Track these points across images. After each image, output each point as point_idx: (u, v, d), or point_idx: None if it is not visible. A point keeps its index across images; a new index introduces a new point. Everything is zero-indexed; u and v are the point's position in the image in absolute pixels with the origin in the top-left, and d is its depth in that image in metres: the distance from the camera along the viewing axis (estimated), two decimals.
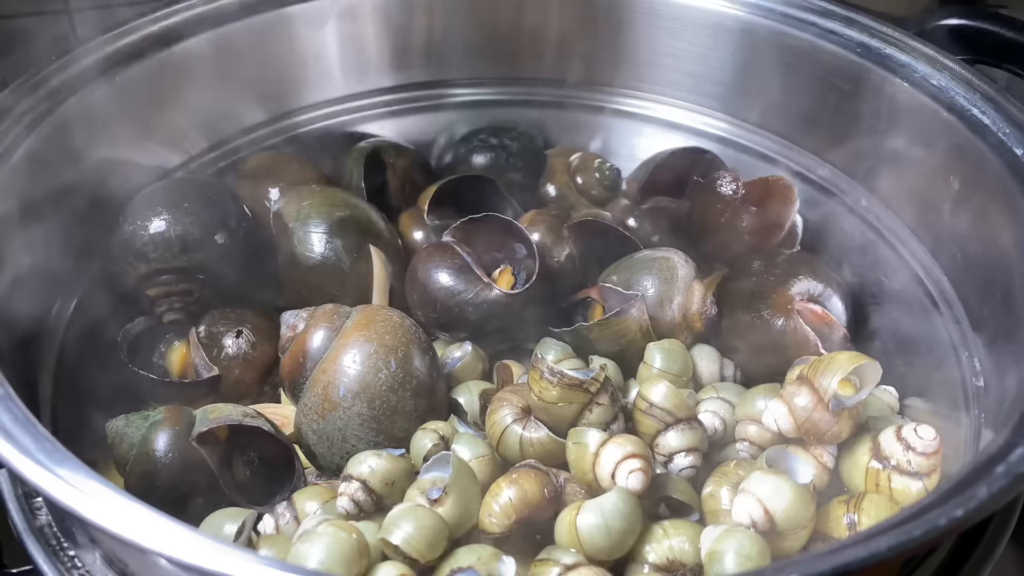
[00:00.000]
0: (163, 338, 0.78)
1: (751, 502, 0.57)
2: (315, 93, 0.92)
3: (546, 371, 0.63)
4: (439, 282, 0.76)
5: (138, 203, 0.76)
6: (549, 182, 0.93)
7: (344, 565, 0.53)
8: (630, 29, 0.91)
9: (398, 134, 0.96)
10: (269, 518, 0.63)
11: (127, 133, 0.79)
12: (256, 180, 0.86)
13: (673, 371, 0.71)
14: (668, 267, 0.76)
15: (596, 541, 0.56)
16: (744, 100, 0.90)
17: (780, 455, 0.62)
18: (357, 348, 0.66)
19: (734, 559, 0.54)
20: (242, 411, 0.67)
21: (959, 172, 0.72)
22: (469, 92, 0.98)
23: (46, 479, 0.47)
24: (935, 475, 0.62)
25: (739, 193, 0.83)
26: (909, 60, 0.77)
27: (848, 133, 0.83)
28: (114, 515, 0.45)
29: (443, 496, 0.58)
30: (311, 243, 0.76)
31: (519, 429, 0.64)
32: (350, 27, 0.90)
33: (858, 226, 0.83)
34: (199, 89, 0.84)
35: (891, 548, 0.44)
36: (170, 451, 0.63)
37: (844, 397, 0.63)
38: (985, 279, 0.69)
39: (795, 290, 0.75)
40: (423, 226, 0.86)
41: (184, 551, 0.44)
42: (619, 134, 0.98)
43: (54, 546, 0.58)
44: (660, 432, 0.64)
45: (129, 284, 0.75)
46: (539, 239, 0.80)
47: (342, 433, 0.66)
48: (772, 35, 0.84)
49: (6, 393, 0.54)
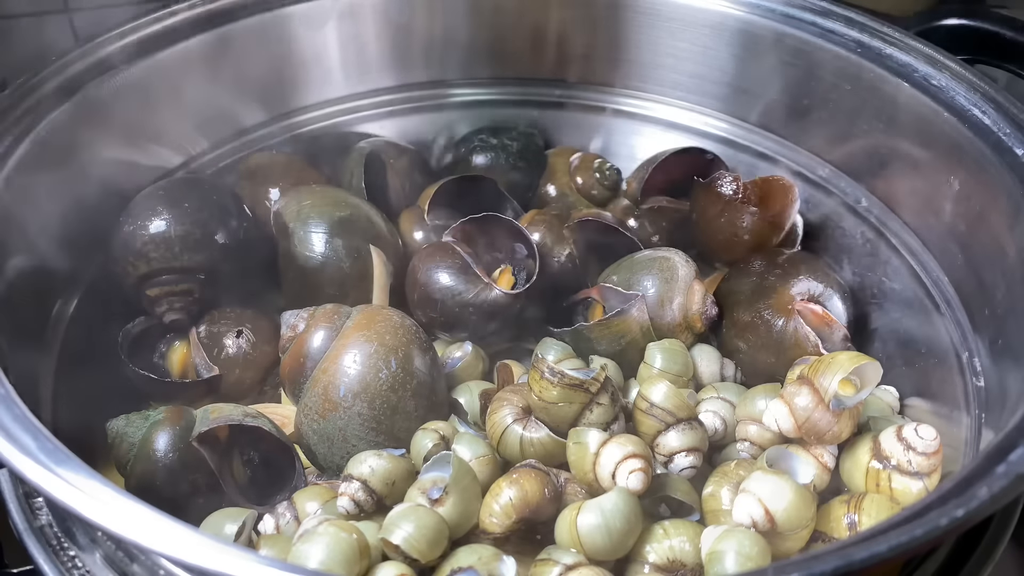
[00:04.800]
0: (163, 338, 0.78)
1: (751, 502, 0.57)
2: (315, 93, 0.92)
3: (546, 371, 0.63)
4: (439, 282, 0.76)
5: (138, 203, 0.76)
6: (549, 182, 0.94)
7: (344, 565, 0.53)
8: (630, 29, 0.91)
9: (398, 134, 0.96)
10: (269, 518, 0.63)
11: (127, 133, 0.79)
12: (256, 180, 0.86)
13: (673, 371, 0.71)
14: (668, 267, 0.76)
15: (596, 541, 0.56)
16: (744, 100, 0.90)
17: (780, 455, 0.62)
18: (357, 348, 0.66)
19: (734, 559, 0.54)
20: (243, 411, 0.67)
21: (959, 172, 0.72)
22: (469, 92, 0.98)
23: (47, 479, 0.47)
24: (935, 475, 0.61)
25: (739, 193, 0.83)
26: (909, 60, 0.77)
27: (848, 133, 0.83)
28: (114, 515, 0.45)
29: (443, 496, 0.58)
30: (311, 243, 0.76)
31: (519, 429, 0.64)
32: (350, 27, 0.90)
33: (858, 226, 0.83)
34: (199, 89, 0.84)
35: (891, 548, 0.44)
36: (170, 451, 0.63)
37: (844, 397, 0.63)
38: (985, 279, 0.69)
39: (795, 290, 0.75)
40: (423, 226, 0.86)
41: (184, 551, 0.44)
42: (619, 134, 0.98)
43: (54, 546, 0.58)
44: (660, 432, 0.64)
45: (129, 284, 0.75)
46: (539, 239, 0.80)
47: (342, 433, 0.66)
48: (772, 35, 0.84)
49: (6, 393, 0.54)
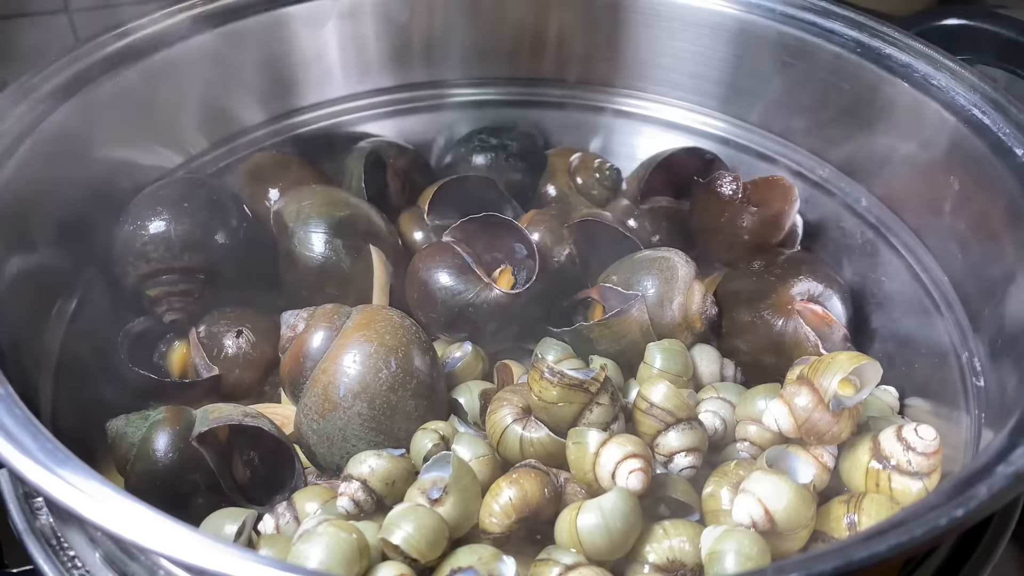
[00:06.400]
0: (163, 338, 0.78)
1: (751, 502, 0.57)
2: (315, 93, 0.92)
3: (546, 371, 0.63)
4: (439, 282, 0.76)
5: (138, 203, 0.76)
6: (549, 182, 0.93)
7: (344, 565, 0.53)
8: (630, 29, 0.91)
9: (398, 134, 0.96)
10: (269, 518, 0.63)
11: (127, 133, 0.79)
12: (256, 180, 0.86)
13: (673, 371, 0.71)
14: (668, 267, 0.76)
15: (596, 541, 0.56)
16: (744, 100, 0.90)
17: (780, 455, 0.62)
18: (357, 348, 0.66)
19: (734, 559, 0.54)
20: (242, 411, 0.67)
21: (959, 172, 0.72)
22: (469, 92, 0.98)
23: (47, 479, 0.47)
24: (935, 475, 0.61)
25: (739, 193, 0.83)
26: (909, 60, 0.77)
27: (848, 133, 0.83)
28: (114, 515, 0.45)
29: (443, 496, 0.58)
30: (311, 243, 0.76)
31: (519, 429, 0.64)
32: (350, 27, 0.90)
33: (858, 226, 0.83)
34: (199, 89, 0.84)
35: (891, 548, 0.44)
36: (170, 451, 0.63)
37: (844, 397, 0.63)
38: (985, 279, 0.69)
39: (795, 290, 0.75)
40: (423, 226, 0.86)
41: (184, 551, 0.44)
42: (619, 134, 0.98)
43: (54, 546, 0.58)
44: (660, 432, 0.64)
45: (129, 284, 0.75)
46: (539, 239, 0.80)
47: (342, 433, 0.66)
48: (772, 35, 0.84)
49: (6, 393, 0.54)
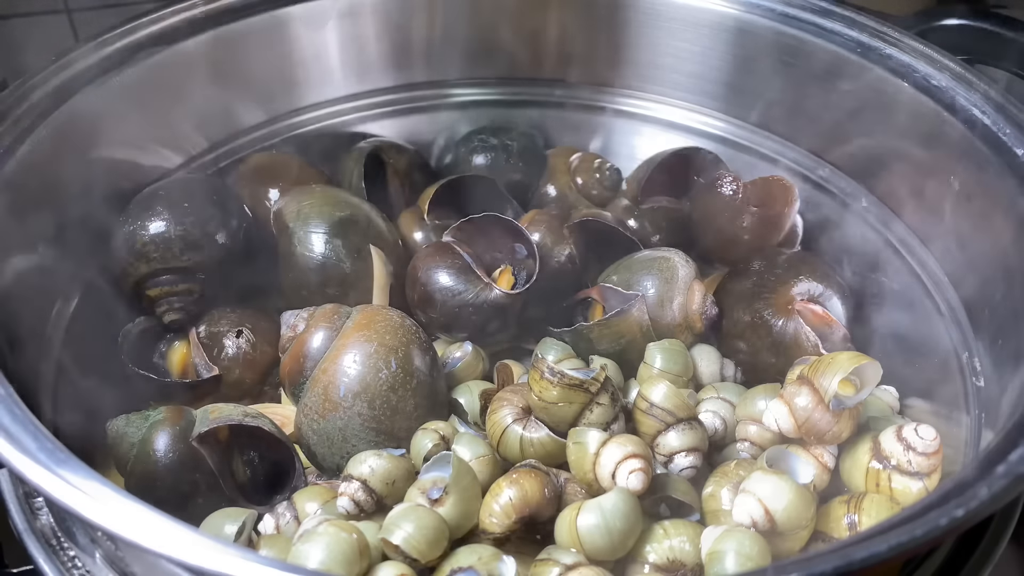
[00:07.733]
0: (163, 338, 0.78)
1: (751, 502, 0.57)
2: (315, 93, 0.92)
3: (546, 371, 0.63)
4: (439, 282, 0.76)
5: (138, 203, 0.76)
6: (549, 182, 0.93)
7: (344, 565, 0.53)
8: (630, 29, 0.91)
9: (398, 134, 0.96)
10: (269, 518, 0.63)
11: (127, 133, 0.79)
12: (256, 180, 0.86)
13: (673, 371, 0.71)
14: (668, 267, 0.76)
15: (596, 541, 0.56)
16: (744, 100, 0.90)
17: (780, 455, 0.62)
18: (357, 348, 0.66)
19: (734, 559, 0.54)
20: (242, 411, 0.67)
21: (959, 172, 0.72)
22: (469, 92, 0.97)
23: (47, 479, 0.47)
24: (935, 475, 0.61)
25: (739, 193, 0.83)
26: (909, 60, 0.77)
27: (848, 133, 0.83)
28: (115, 515, 0.45)
29: (443, 496, 0.58)
30: (311, 243, 0.76)
31: (519, 429, 0.64)
32: (350, 27, 0.90)
33: (858, 226, 0.83)
34: (199, 89, 0.84)
35: (891, 548, 0.44)
36: (170, 451, 0.63)
37: (844, 397, 0.63)
38: (985, 279, 0.69)
39: (795, 290, 0.75)
40: (423, 226, 0.86)
41: (184, 551, 0.44)
42: (619, 134, 0.98)
43: (54, 546, 0.58)
44: (660, 432, 0.64)
45: (129, 284, 0.75)
46: (539, 239, 0.80)
47: (342, 433, 0.66)
48: (772, 35, 0.84)
49: (6, 393, 0.54)
